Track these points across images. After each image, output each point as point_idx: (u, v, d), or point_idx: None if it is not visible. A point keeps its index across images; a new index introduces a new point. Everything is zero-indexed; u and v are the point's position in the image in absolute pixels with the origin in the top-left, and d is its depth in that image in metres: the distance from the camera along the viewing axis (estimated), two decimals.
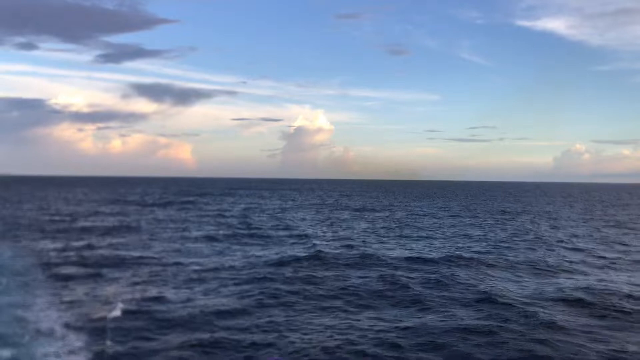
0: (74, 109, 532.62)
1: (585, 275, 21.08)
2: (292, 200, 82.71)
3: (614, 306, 15.82)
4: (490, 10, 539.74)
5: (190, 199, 79.11)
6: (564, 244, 30.44)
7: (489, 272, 21.43)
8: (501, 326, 13.55)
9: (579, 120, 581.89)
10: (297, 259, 23.45)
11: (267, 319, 14.07)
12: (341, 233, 34.91)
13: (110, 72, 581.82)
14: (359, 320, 14.24)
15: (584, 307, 15.84)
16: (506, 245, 29.64)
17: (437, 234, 35.66)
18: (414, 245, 29.34)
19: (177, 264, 22.04)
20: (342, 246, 28.20)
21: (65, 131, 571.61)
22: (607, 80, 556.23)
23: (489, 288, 17.96)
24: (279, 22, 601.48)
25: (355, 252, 26.04)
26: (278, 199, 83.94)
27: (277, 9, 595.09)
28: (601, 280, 19.93)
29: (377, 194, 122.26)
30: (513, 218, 50.84)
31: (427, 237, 33.31)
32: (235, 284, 18.21)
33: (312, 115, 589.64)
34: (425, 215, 53.71)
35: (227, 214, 49.97)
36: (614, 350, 12.04)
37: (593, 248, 29.11)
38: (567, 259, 24.91)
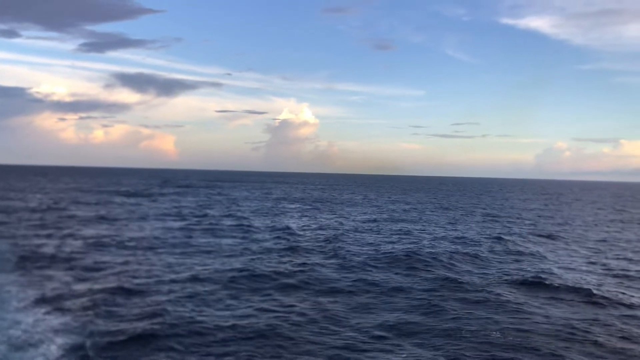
0: (55, 98, 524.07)
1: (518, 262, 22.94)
2: (272, 193, 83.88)
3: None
4: (476, 7, 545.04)
5: (171, 190, 79.84)
6: (509, 236, 32.40)
7: (439, 259, 23.11)
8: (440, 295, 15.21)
9: (560, 118, 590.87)
10: (269, 250, 24.93)
11: (225, 298, 15.48)
12: (314, 224, 36.35)
13: (94, 61, 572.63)
14: (311, 299, 15.74)
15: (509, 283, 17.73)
16: (457, 238, 31.36)
17: (403, 225, 37.29)
18: (380, 236, 30.88)
19: (149, 249, 23.28)
20: (312, 236, 29.65)
21: (46, 120, 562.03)
22: (589, 79, 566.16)
23: (438, 272, 19.75)
24: (266, 15, 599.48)
25: (324, 241, 27.61)
26: (258, 192, 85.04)
27: (264, 1, 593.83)
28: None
29: (358, 188, 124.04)
30: (474, 214, 52.84)
31: (396, 230, 34.89)
32: (200, 268, 19.56)
33: (297, 109, 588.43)
34: (395, 210, 55.43)
35: (207, 206, 51.09)
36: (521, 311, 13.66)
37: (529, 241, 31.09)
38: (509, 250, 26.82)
